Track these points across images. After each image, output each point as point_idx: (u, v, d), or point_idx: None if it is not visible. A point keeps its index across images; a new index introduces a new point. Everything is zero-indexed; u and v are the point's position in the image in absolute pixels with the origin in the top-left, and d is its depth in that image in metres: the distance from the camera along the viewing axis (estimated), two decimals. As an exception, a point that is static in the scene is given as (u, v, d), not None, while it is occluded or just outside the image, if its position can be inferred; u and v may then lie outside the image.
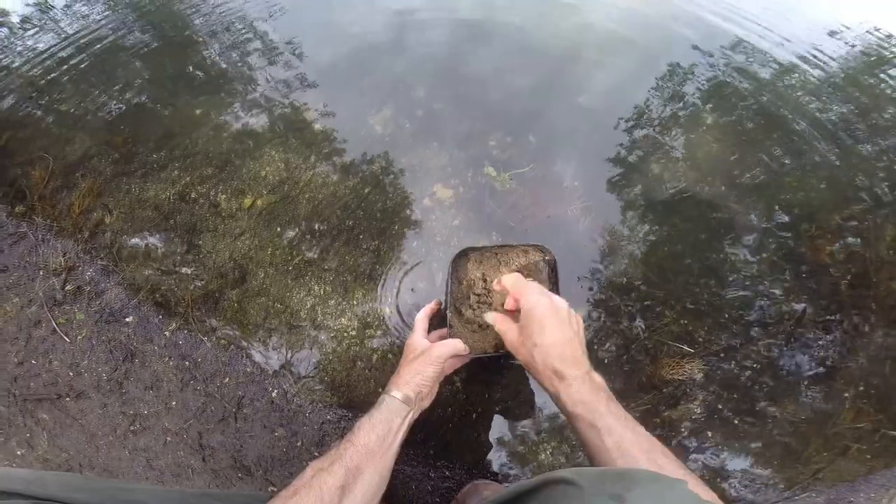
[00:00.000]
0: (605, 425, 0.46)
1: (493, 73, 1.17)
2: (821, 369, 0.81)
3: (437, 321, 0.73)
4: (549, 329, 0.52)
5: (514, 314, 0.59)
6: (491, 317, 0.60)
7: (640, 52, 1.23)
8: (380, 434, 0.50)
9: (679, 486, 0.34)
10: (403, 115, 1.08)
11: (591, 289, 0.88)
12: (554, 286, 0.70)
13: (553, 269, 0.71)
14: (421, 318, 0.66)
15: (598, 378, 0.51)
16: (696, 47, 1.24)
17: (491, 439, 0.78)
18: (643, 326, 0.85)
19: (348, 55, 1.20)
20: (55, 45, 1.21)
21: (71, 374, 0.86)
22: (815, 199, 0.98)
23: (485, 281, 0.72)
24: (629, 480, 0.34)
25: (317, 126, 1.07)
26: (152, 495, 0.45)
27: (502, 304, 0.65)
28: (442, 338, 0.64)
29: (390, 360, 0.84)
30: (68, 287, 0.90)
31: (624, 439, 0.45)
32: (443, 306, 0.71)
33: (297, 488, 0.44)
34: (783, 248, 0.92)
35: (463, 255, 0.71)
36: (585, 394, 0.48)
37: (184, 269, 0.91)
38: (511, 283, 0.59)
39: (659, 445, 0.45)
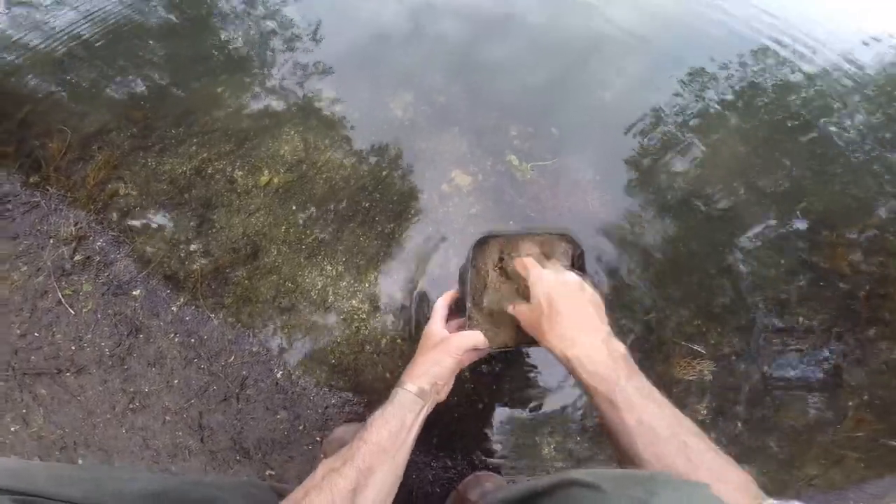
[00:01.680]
0: (624, 400, 0.43)
1: (517, 64, 1.17)
2: (828, 377, 0.80)
3: (456, 309, 0.71)
4: (556, 299, 0.51)
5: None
6: (516, 309, 0.58)
7: (666, 52, 1.23)
8: (392, 430, 0.48)
9: (702, 491, 0.33)
10: (424, 100, 1.08)
11: (606, 283, 0.86)
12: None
13: (579, 257, 0.66)
14: (440, 306, 0.63)
15: (617, 345, 0.48)
16: (723, 49, 1.23)
17: (495, 431, 0.76)
18: (658, 324, 0.83)
19: (370, 40, 1.20)
20: (76, 22, 1.23)
21: (73, 347, 0.84)
22: (836, 206, 0.97)
23: (504, 270, 0.67)
24: (651, 484, 0.33)
25: (337, 108, 1.07)
26: (148, 483, 0.43)
27: (515, 292, 0.63)
28: (461, 327, 0.61)
29: (399, 345, 0.81)
30: (77, 257, 0.89)
31: (646, 414, 0.42)
32: (462, 296, 0.67)
33: (308, 489, 0.42)
34: (801, 255, 0.91)
35: (483, 243, 0.67)
36: (601, 364, 0.46)
37: (196, 243, 0.89)
38: (522, 264, 0.59)
39: (686, 422, 0.43)
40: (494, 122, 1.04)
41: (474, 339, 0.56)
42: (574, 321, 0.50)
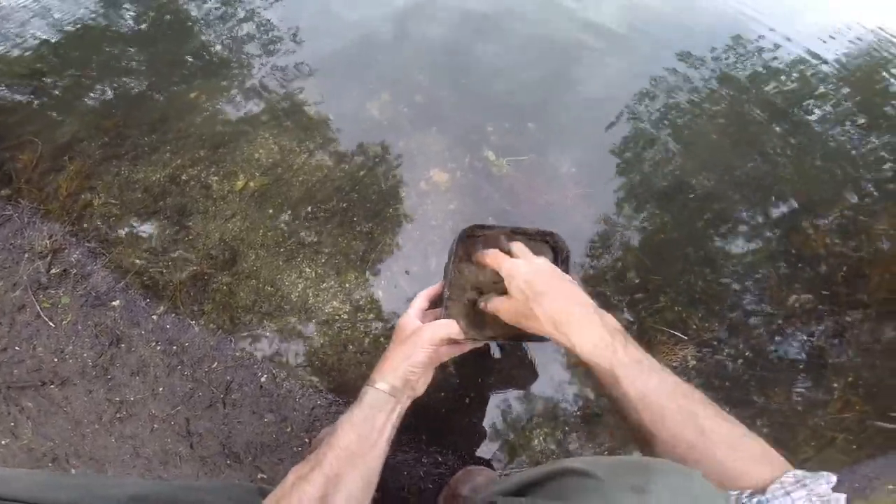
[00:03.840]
0: (625, 373, 0.42)
1: (493, 61, 1.17)
2: (812, 360, 0.81)
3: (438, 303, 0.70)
4: (536, 284, 0.49)
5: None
6: (489, 304, 0.56)
7: (643, 44, 1.23)
8: (361, 433, 0.46)
9: (697, 477, 0.33)
10: (401, 100, 1.07)
11: (588, 273, 0.87)
12: None
13: (564, 260, 0.62)
14: (419, 297, 0.59)
15: (609, 319, 0.47)
16: (697, 40, 1.24)
17: (484, 425, 0.77)
18: (639, 311, 0.84)
19: (347, 41, 1.19)
20: (44, 31, 1.20)
21: (55, 360, 0.84)
22: (812, 191, 0.98)
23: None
24: (648, 471, 0.33)
25: (313, 110, 1.06)
26: (138, 488, 0.43)
27: (493, 286, 0.60)
28: (437, 318, 0.58)
29: (382, 343, 0.82)
30: (54, 270, 0.88)
31: (649, 386, 0.41)
32: (443, 288, 0.64)
33: (279, 498, 0.42)
34: (779, 239, 0.92)
35: (467, 236, 0.64)
36: (597, 338, 0.44)
37: (173, 251, 0.89)
38: (490, 259, 0.57)
39: (694, 392, 0.42)
40: (472, 120, 1.04)
41: (447, 328, 0.52)
42: (560, 300, 0.48)
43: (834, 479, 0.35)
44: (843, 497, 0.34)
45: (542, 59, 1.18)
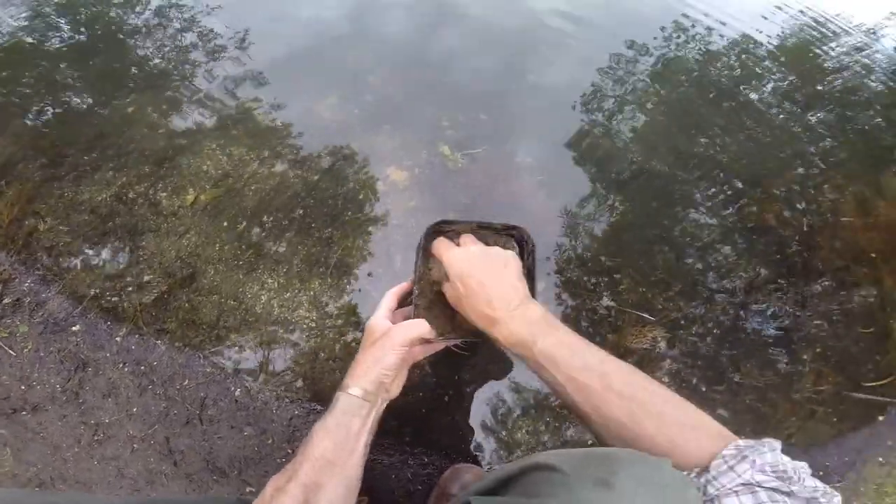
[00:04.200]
0: (547, 359, 0.44)
1: (445, 55, 1.14)
2: (778, 333, 0.81)
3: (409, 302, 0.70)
4: (466, 278, 0.51)
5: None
6: (443, 287, 0.57)
7: (592, 31, 1.23)
8: (336, 441, 0.44)
9: (664, 466, 0.33)
10: (352, 100, 1.04)
11: (548, 260, 0.89)
12: (528, 275, 0.59)
13: (530, 254, 0.62)
14: (388, 297, 0.58)
15: (532, 309, 0.48)
16: (639, 27, 1.25)
17: (466, 421, 0.78)
18: (603, 295, 0.85)
19: (293, 41, 1.14)
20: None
21: (23, 387, 0.83)
22: (759, 167, 1.00)
23: None
24: (613, 463, 0.33)
25: (261, 115, 1.03)
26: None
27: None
28: (407, 318, 0.56)
29: (353, 348, 0.83)
30: (6, 300, 0.86)
31: (574, 369, 0.43)
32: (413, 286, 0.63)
33: None
34: (732, 215, 0.94)
35: (435, 230, 0.63)
36: (518, 332, 0.46)
37: (128, 273, 0.87)
38: (434, 249, 0.57)
39: (626, 372, 0.42)
40: (425, 115, 1.03)
41: (417, 328, 0.51)
42: (486, 298, 0.49)
43: (777, 444, 0.34)
44: (803, 465, 0.33)
45: (490, 50, 1.16)
